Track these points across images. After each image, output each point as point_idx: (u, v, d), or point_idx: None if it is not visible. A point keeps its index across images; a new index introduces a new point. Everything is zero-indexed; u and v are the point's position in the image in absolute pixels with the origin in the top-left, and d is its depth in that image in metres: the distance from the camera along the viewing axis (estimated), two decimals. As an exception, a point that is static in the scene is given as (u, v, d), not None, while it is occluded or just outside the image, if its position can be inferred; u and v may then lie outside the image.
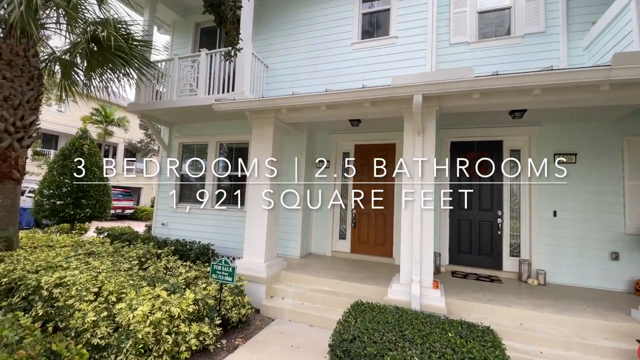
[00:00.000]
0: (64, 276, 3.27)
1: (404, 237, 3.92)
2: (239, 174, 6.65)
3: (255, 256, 4.70)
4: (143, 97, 6.46)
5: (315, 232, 6.40)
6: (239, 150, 6.78)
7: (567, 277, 4.82)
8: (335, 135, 6.42)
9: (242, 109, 4.66)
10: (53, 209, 7.11)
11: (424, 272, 3.76)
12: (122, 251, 4.97)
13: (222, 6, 2.96)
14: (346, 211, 6.37)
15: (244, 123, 6.40)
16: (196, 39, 7.64)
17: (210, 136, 6.89)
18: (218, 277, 3.59)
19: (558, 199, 4.98)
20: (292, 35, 6.60)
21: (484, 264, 5.36)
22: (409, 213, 3.92)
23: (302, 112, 4.59)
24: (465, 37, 5.69)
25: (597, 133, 4.89)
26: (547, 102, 3.57)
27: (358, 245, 6.20)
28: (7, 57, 4.71)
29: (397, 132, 5.93)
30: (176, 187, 7.17)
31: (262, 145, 4.90)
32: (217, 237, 6.45)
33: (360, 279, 4.60)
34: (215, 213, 6.66)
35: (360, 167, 6.34)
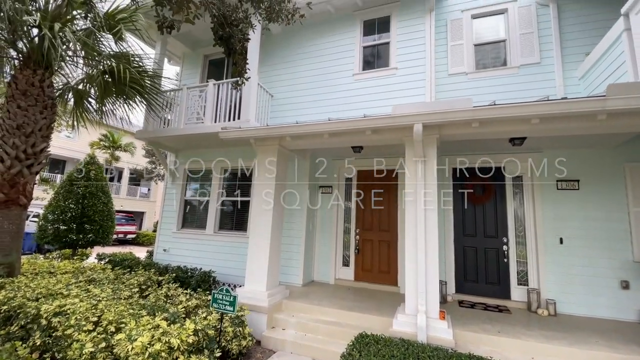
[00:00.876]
0: (63, 304, 3.23)
1: (408, 265, 3.86)
2: (242, 199, 6.70)
3: (257, 284, 4.63)
4: (151, 125, 6.65)
5: (318, 259, 6.32)
6: (243, 175, 6.86)
7: (577, 307, 4.66)
8: (338, 161, 6.50)
9: (247, 136, 4.78)
10: (56, 234, 7.12)
11: (430, 302, 3.67)
12: (123, 278, 4.92)
13: (231, 39, 3.13)
14: (349, 237, 6.31)
15: (247, 149, 6.53)
16: (204, 70, 7.98)
17: (215, 162, 7.00)
18: (219, 306, 3.52)
19: (563, 226, 4.93)
20: (296, 66, 6.89)
21: (492, 293, 5.22)
22: (412, 240, 3.89)
23: (306, 140, 4.70)
24: (463, 67, 5.91)
25: (598, 160, 4.92)
26: (546, 130, 3.64)
27: (362, 273, 6.09)
28: (23, 87, 4.93)
29: (399, 158, 6.01)
30: (179, 213, 7.19)
31: (266, 171, 4.97)
32: (219, 264, 6.38)
33: (365, 309, 4.48)
34: (217, 239, 6.63)
35: (363, 193, 6.36)
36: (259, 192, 4.96)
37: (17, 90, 4.91)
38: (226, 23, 2.94)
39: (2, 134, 4.84)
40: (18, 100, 4.89)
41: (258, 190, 4.97)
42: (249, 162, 6.64)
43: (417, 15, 6.11)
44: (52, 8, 5.14)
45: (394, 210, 6.03)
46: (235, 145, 6.53)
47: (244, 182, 6.82)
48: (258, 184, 4.99)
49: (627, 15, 4.11)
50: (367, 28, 6.58)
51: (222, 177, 6.99)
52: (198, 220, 7.09)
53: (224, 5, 2.98)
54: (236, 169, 6.93)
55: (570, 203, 4.96)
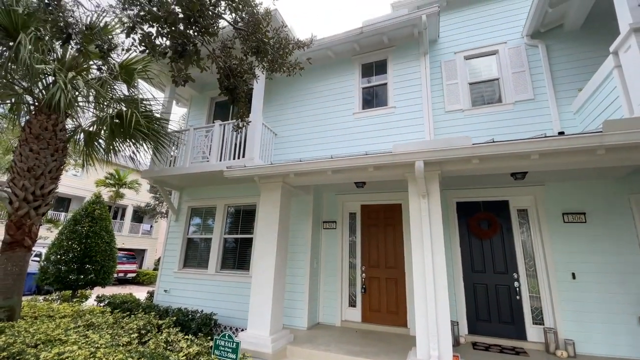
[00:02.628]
0: (62, 352, 3.10)
1: (418, 307, 3.73)
2: (244, 236, 6.65)
3: (260, 328, 4.45)
4: (157, 164, 6.80)
5: (323, 299, 6.11)
6: (246, 212, 6.87)
7: (596, 346, 4.40)
8: (341, 196, 6.53)
9: (251, 174, 4.87)
10: (57, 275, 7.01)
11: (442, 345, 3.50)
12: (122, 322, 4.75)
13: (236, 89, 3.32)
14: (355, 275, 6.15)
15: (251, 186, 6.61)
16: (211, 111, 8.32)
17: (218, 199, 7.06)
18: (221, 353, 3.37)
19: (574, 260, 4.80)
20: (299, 106, 7.18)
21: (506, 333, 4.96)
22: (420, 280, 3.80)
23: (309, 177, 4.77)
24: (459, 105, 6.13)
25: (602, 191, 4.91)
26: (546, 165, 3.69)
27: (369, 313, 5.85)
28: (36, 132, 5.12)
29: (402, 193, 6.03)
30: (181, 252, 7.11)
31: (269, 208, 4.99)
32: (221, 305, 6.18)
33: (374, 354, 4.25)
34: (219, 278, 6.48)
35: (367, 228, 6.31)
36: (262, 230, 4.94)
37: (31, 135, 5.10)
38: (232, 75, 3.14)
39: (13, 176, 4.96)
40: (31, 143, 5.07)
41: (262, 228, 4.96)
42: (252, 199, 6.69)
43: (412, 58, 6.47)
44: (69, 58, 5.51)
45: (400, 246, 5.93)
46: (239, 182, 6.63)
47: (246, 219, 6.82)
48: (262, 222, 4.99)
49: (616, 54, 4.31)
50: (365, 70, 6.94)
51: (225, 214, 6.99)
52: (200, 259, 6.99)
53: (230, 57, 3.20)
54: (239, 206, 6.97)
55: (578, 236, 4.87)
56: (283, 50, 3.35)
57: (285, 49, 3.36)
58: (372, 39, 6.60)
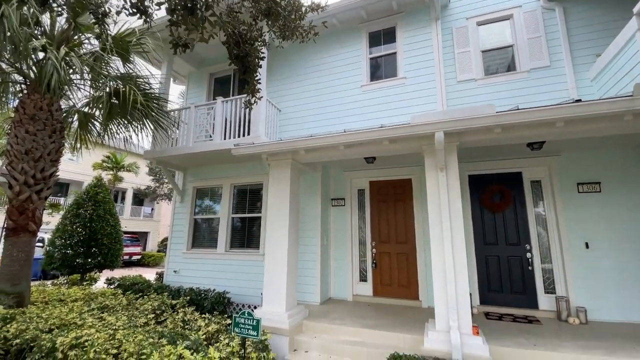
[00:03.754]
0: (80, 336, 3.06)
1: (436, 280, 3.70)
2: (253, 215, 6.57)
3: (276, 305, 4.45)
4: (159, 144, 6.59)
5: (334, 275, 6.13)
6: (253, 191, 6.75)
7: (609, 313, 4.46)
8: (349, 173, 6.40)
9: (260, 152, 4.70)
10: (64, 259, 6.96)
11: (462, 316, 3.50)
12: (136, 304, 4.74)
13: (247, 57, 3.07)
14: (365, 251, 6.14)
15: (257, 165, 6.46)
16: (210, 88, 7.99)
17: (224, 179, 6.91)
18: (241, 330, 3.34)
19: (588, 230, 4.78)
20: (303, 79, 6.88)
21: (518, 303, 5.01)
22: (439, 253, 3.74)
23: (320, 153, 4.61)
24: (471, 74, 5.88)
25: (619, 160, 4.81)
26: (570, 132, 3.55)
27: (380, 287, 5.89)
28: (31, 112, 4.87)
29: (412, 167, 5.91)
30: (189, 232, 7.05)
31: (279, 186, 4.87)
32: (232, 284, 6.19)
33: (390, 327, 4.28)
34: (229, 257, 6.46)
35: (376, 204, 6.23)
36: (273, 209, 4.84)
37: (25, 115, 4.85)
38: (242, 41, 2.89)
39: (11, 159, 4.76)
40: (26, 125, 4.83)
41: (272, 206, 4.86)
42: (259, 178, 6.55)
43: (423, 24, 6.13)
44: (58, 32, 5.14)
45: (411, 221, 5.88)
46: (245, 161, 6.46)
47: (253, 198, 6.72)
48: (272, 200, 4.88)
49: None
50: (372, 39, 6.59)
51: (232, 193, 6.88)
52: (208, 239, 6.94)
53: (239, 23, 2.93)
54: (245, 185, 6.83)
55: (593, 206, 4.82)
56: (295, 13, 3.08)
57: (297, 11, 3.09)
58: (380, 5, 6.21)
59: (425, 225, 5.66)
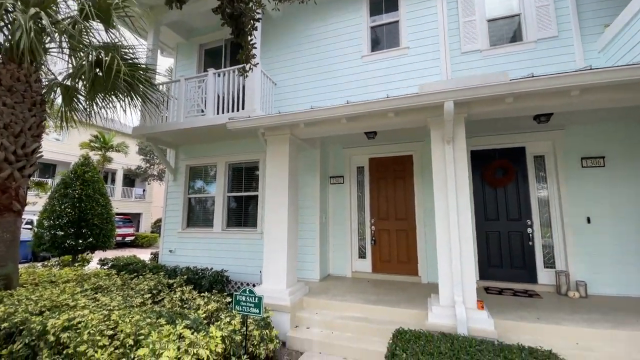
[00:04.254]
0: (72, 317, 2.92)
1: (441, 255, 3.62)
2: (249, 194, 6.39)
3: (276, 282, 4.36)
4: (148, 120, 6.26)
5: (333, 252, 6.07)
6: (249, 169, 6.54)
7: (608, 287, 4.51)
8: (348, 150, 6.21)
9: (256, 126, 4.45)
10: (54, 240, 6.74)
11: (467, 291, 3.45)
12: (131, 283, 4.60)
13: (241, 17, 2.79)
14: (364, 228, 6.07)
15: (253, 142, 6.21)
16: (200, 60, 7.56)
17: (218, 157, 6.66)
18: (242, 308, 3.25)
19: (590, 205, 4.74)
20: (299, 50, 6.52)
21: (518, 277, 5.04)
22: (444, 228, 3.65)
23: (320, 127, 4.40)
24: (476, 44, 5.61)
25: (623, 135, 4.72)
26: (584, 102, 3.40)
27: (380, 264, 5.86)
28: (8, 83, 4.50)
29: (414, 143, 5.75)
30: (184, 212, 6.86)
31: (277, 163, 4.67)
32: (230, 262, 6.10)
33: (392, 302, 4.25)
34: (226, 236, 6.32)
35: (376, 181, 6.10)
36: (271, 186, 4.66)
37: (2, 87, 4.48)
38: (236, -1, 2.61)
39: (-13, 135, 4.43)
40: (3, 97, 4.46)
41: (271, 184, 4.67)
42: (255, 155, 6.32)
43: (427, -10, 5.77)
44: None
45: (411, 198, 5.78)
46: (240, 137, 6.21)
47: (249, 176, 6.51)
48: (270, 177, 4.69)
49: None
50: (374, 6, 6.21)
51: (227, 171, 6.65)
52: (204, 219, 6.77)
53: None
54: (241, 163, 6.60)
55: (596, 181, 4.76)
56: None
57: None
58: (382, -31, 5.82)
59: (426, 201, 5.58)
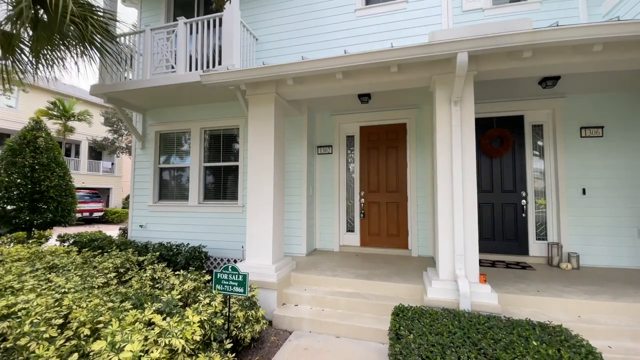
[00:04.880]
0: (13, 303, 2.39)
1: (442, 226, 3.34)
2: (229, 164, 5.83)
3: (261, 257, 3.97)
4: (108, 78, 5.42)
5: (320, 225, 5.73)
6: (228, 137, 5.92)
7: (599, 258, 4.48)
8: (337, 117, 5.73)
9: (236, 80, 3.84)
10: (3, 215, 5.94)
11: (469, 264, 3.22)
12: (95, 261, 4.06)
13: None
14: (353, 201, 5.74)
15: (231, 105, 5.59)
16: (169, 12, 6.61)
17: (193, 122, 5.98)
18: (224, 288, 2.84)
19: (586, 176, 4.62)
20: (284, 2, 5.78)
21: (509, 249, 4.94)
22: (446, 197, 3.35)
23: (311, 84, 3.87)
24: (479, 3, 5.13)
25: (623, 105, 4.55)
26: (603, 62, 3.09)
27: (369, 238, 5.60)
28: None
29: (408, 110, 5.36)
30: (154, 183, 6.21)
31: (261, 127, 4.13)
32: (208, 238, 5.63)
33: (385, 276, 4.00)
34: (203, 210, 5.80)
35: (366, 151, 5.71)
36: (255, 154, 4.14)
37: None
38: None
39: None
40: None
41: (254, 151, 4.15)
42: (234, 121, 5.71)
43: None
44: None
45: (403, 169, 5.46)
46: (216, 99, 5.55)
47: (228, 144, 5.91)
48: (254, 144, 4.15)
49: None
50: (369, -48, 5.53)
51: (202, 139, 6.01)
52: (178, 191, 6.17)
53: None
54: (218, 130, 5.97)
55: (593, 152, 4.61)
56: None
57: None
58: None
59: (419, 172, 5.28)
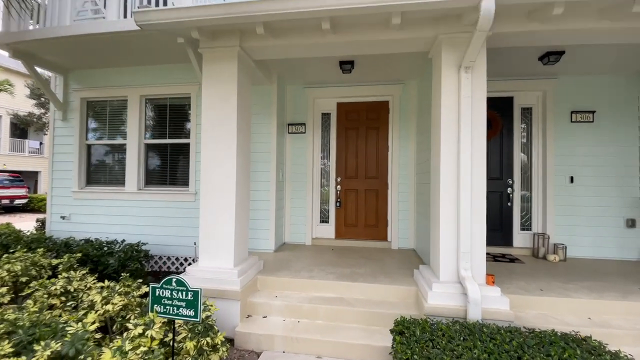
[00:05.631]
0: None
1: (445, 216, 2.79)
2: (178, 141, 4.79)
3: (220, 259, 3.13)
4: (15, 23, 4.06)
5: (290, 216, 4.98)
6: (176, 108, 4.84)
7: (584, 249, 4.32)
8: (312, 90, 4.94)
9: (185, 21, 2.83)
10: None
11: (477, 264, 2.72)
12: (-20, 269, 2.92)
13: None
14: (329, 188, 5.06)
15: (182, 69, 4.56)
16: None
17: (131, 88, 4.79)
18: (166, 310, 2.01)
19: (575, 163, 4.39)
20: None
21: (493, 241, 4.60)
22: (451, 181, 2.79)
23: (288, 38, 3.03)
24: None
25: (613, 89, 4.35)
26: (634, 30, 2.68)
27: (344, 229, 4.99)
28: None
29: (392, 86, 4.75)
30: (80, 164, 4.95)
31: (220, 92, 3.21)
32: (151, 232, 4.61)
33: (370, 276, 3.40)
34: (145, 198, 4.72)
35: (344, 132, 5.03)
36: (212, 126, 3.22)
37: None
38: None
39: None
40: None
41: (211, 122, 3.23)
42: (185, 88, 4.66)
43: None
44: None
45: (384, 153, 4.89)
46: (163, 58, 4.47)
47: (177, 117, 4.84)
48: (210, 112, 3.23)
49: None
50: None
51: (144, 109, 4.86)
52: (112, 175, 4.99)
53: None
54: (164, 98, 4.85)
55: (582, 137, 4.39)
56: None
57: None
58: None
59: (401, 156, 4.74)
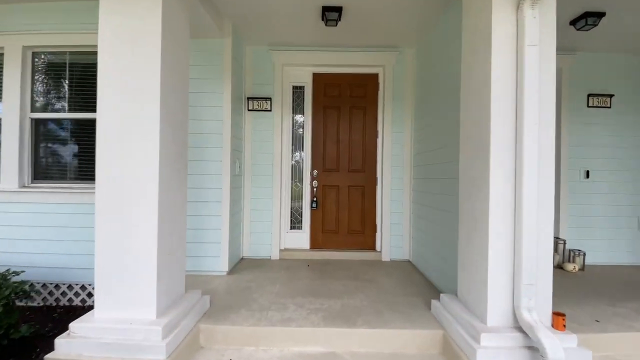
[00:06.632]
0: None
1: (494, 232, 1.83)
2: (83, 116, 3.29)
3: (132, 304, 1.87)
4: None
5: (251, 222, 3.77)
6: (83, 67, 3.33)
7: (598, 255, 3.73)
8: (280, 54, 3.75)
9: None
10: None
11: (542, 300, 1.80)
12: None
13: None
14: (302, 184, 3.94)
15: (90, 7, 3.09)
16: None
17: (9, 35, 3.19)
18: None
19: (590, 156, 3.79)
20: None
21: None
22: (503, 176, 1.84)
23: None
24: None
25: (632, 72, 3.80)
26: None
27: (322, 236, 3.91)
28: None
29: (383, 54, 3.75)
30: None
31: (130, 31, 1.92)
32: (44, 249, 3.08)
33: (370, 312, 2.36)
34: (29, 200, 3.14)
35: (322, 111, 3.94)
36: (120, 85, 1.93)
37: None
38: None
39: None
40: None
41: (117, 79, 1.93)
42: (91, 39, 3.14)
43: None
44: None
45: (372, 139, 3.89)
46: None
47: (84, 79, 3.33)
48: (110, 63, 1.93)
49: None
50: None
51: (31, 68, 3.28)
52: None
53: None
54: (62, 52, 3.30)
55: (599, 125, 3.80)
56: None
57: None
58: None
59: (394, 144, 3.78)
